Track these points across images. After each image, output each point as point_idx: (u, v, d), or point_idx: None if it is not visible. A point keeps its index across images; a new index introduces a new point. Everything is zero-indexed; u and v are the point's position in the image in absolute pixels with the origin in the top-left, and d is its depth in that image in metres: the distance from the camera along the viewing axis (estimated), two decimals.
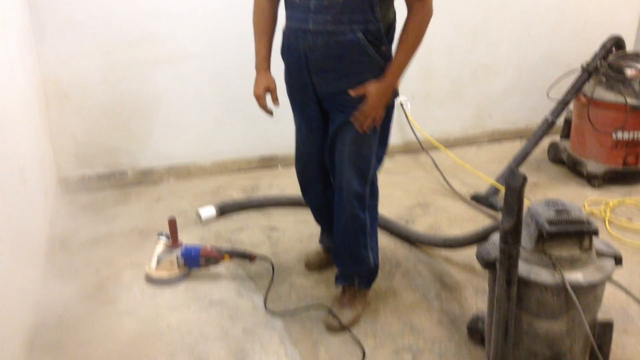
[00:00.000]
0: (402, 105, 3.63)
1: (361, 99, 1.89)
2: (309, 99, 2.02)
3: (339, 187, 2.05)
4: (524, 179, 1.49)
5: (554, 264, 1.64)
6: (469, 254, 2.47)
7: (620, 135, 3.17)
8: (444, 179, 3.34)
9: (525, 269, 1.64)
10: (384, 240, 2.68)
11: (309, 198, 2.34)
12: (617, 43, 3.31)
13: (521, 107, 3.95)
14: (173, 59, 3.17)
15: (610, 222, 2.88)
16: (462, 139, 3.93)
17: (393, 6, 1.90)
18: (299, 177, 2.29)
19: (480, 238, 2.32)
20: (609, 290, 2.07)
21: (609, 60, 3.22)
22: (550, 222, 1.65)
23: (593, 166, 3.25)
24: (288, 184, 3.32)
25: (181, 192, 3.24)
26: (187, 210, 2.99)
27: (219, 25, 3.18)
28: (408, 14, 1.84)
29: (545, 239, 1.65)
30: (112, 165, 3.27)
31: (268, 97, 2.08)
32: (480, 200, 3.06)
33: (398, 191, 3.23)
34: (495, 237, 1.79)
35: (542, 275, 1.63)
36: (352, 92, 1.89)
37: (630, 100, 3.09)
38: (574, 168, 3.41)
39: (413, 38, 1.84)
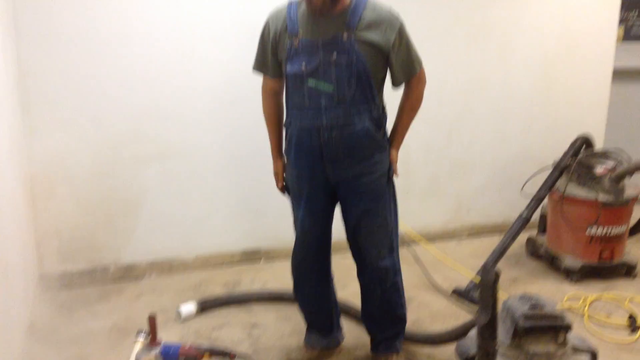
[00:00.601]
0: None
1: (375, 180, 2.16)
2: (319, 190, 2.19)
3: (372, 264, 2.26)
4: (497, 275, 1.54)
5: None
6: (451, 349, 2.47)
7: (594, 230, 3.26)
8: (425, 273, 3.37)
9: None
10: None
11: (303, 290, 2.41)
12: (586, 142, 3.48)
13: (498, 203, 4.07)
14: (159, 155, 3.27)
15: (589, 317, 2.91)
16: (442, 233, 4.00)
17: None
18: (295, 269, 2.37)
19: (460, 334, 2.33)
20: None
21: (579, 158, 3.37)
22: (525, 317, 1.69)
23: (570, 261, 3.32)
24: (270, 278, 3.33)
25: (162, 288, 3.22)
26: (167, 307, 2.96)
27: (205, 124, 3.32)
28: (406, 88, 2.20)
29: (520, 334, 1.67)
30: (95, 261, 3.27)
31: None
32: (462, 295, 3.08)
33: None
34: (474, 333, 1.82)
35: None
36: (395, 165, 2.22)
37: (602, 197, 3.20)
38: (551, 263, 3.47)
39: (414, 107, 2.21)
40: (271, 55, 2.17)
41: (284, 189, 2.36)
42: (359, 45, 2.01)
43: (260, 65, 2.24)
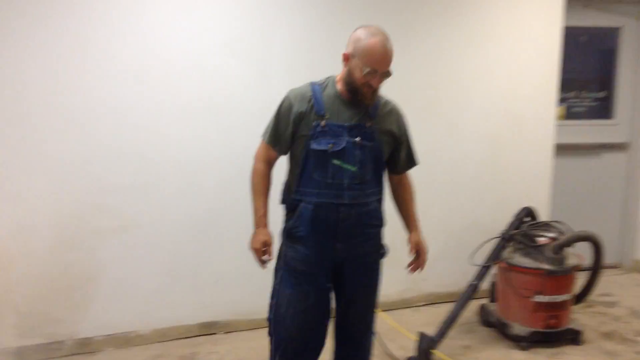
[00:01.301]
0: None
1: (379, 257, 2.40)
2: (325, 267, 2.27)
3: (358, 339, 2.41)
4: (431, 341, 1.66)
5: None
6: None
7: (540, 298, 3.39)
8: (381, 342, 3.43)
9: None
10: None
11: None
12: (529, 213, 3.67)
13: (452, 271, 4.19)
14: (119, 229, 3.34)
15: None
16: (399, 302, 4.09)
17: None
18: (302, 345, 2.30)
19: None
20: None
21: (523, 229, 3.56)
22: None
23: (518, 329, 3.43)
24: (228, 349, 3.36)
25: None
26: None
27: (165, 198, 3.42)
28: (403, 179, 2.50)
29: None
30: (51, 335, 3.26)
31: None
32: None
33: None
34: None
35: None
36: (412, 250, 2.52)
37: (545, 266, 3.36)
38: (502, 330, 3.57)
39: (414, 193, 2.52)
40: (289, 133, 2.26)
41: (263, 260, 2.31)
42: (379, 132, 2.26)
43: (274, 139, 2.31)
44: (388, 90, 3.89)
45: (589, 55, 4.90)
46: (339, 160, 2.19)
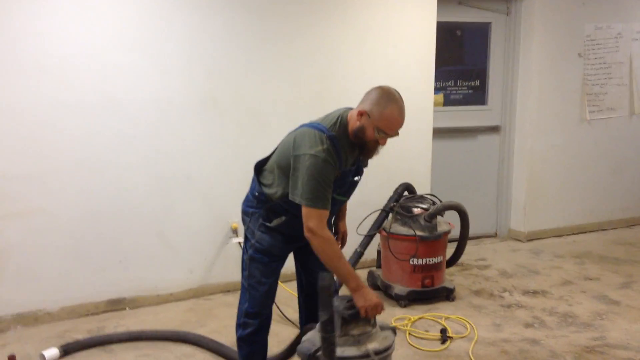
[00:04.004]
0: (240, 244, 4.14)
1: None
2: (292, 250, 2.67)
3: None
4: (332, 279, 2.05)
5: (358, 341, 2.16)
6: None
7: (415, 261, 3.86)
8: (279, 309, 3.77)
9: (338, 351, 2.11)
10: None
11: (263, 338, 2.68)
12: (407, 188, 4.14)
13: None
14: (23, 214, 3.50)
15: (410, 334, 3.46)
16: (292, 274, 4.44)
17: None
18: (262, 317, 2.62)
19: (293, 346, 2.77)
20: None
21: (401, 202, 4.02)
22: (347, 309, 2.19)
23: (399, 289, 3.89)
24: (134, 324, 3.60)
25: (27, 337, 3.40)
26: (31, 355, 3.16)
27: (64, 185, 3.61)
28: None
29: (347, 322, 2.17)
30: None
31: None
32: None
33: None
34: (308, 337, 2.28)
35: (351, 351, 2.14)
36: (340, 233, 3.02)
37: (419, 233, 3.84)
38: (386, 292, 4.02)
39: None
40: (330, 191, 2.34)
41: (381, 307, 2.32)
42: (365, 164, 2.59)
43: (326, 203, 2.31)
44: (276, 84, 4.22)
45: (464, 48, 5.47)
46: (339, 195, 2.48)
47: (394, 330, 2.39)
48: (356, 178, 2.55)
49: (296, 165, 2.31)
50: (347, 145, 2.39)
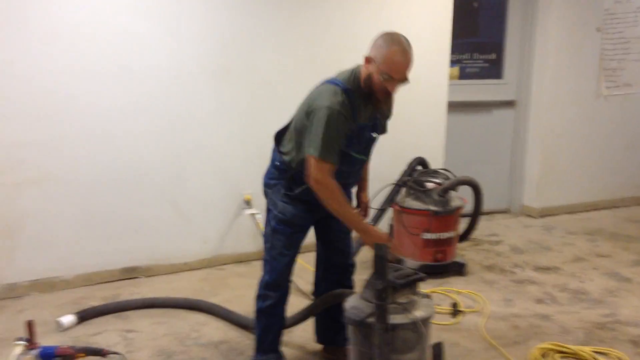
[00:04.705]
0: (254, 216, 4.16)
1: None
2: (315, 220, 2.66)
3: (347, 252, 2.86)
4: (387, 247, 2.07)
5: (405, 309, 2.17)
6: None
7: (428, 236, 3.87)
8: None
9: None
10: (232, 333, 3.07)
11: (281, 310, 2.71)
12: (420, 162, 4.12)
13: None
14: (38, 181, 3.52)
15: None
16: (310, 245, 4.47)
17: None
18: (282, 289, 2.67)
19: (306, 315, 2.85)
20: None
21: (414, 176, 4.00)
22: (398, 278, 2.20)
23: (410, 263, 3.90)
24: (148, 292, 3.64)
25: (43, 304, 3.46)
26: (48, 320, 3.21)
27: (79, 152, 3.62)
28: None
29: (397, 291, 2.17)
30: None
31: None
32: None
33: (251, 291, 3.64)
34: (352, 303, 2.29)
35: (400, 318, 2.15)
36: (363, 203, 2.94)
37: (432, 207, 3.83)
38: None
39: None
40: (341, 144, 2.35)
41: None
42: (383, 122, 2.58)
43: (334, 156, 2.32)
44: (291, 55, 4.18)
45: (481, 20, 5.38)
46: (357, 153, 2.48)
47: (429, 297, 2.42)
48: (374, 134, 2.53)
49: (311, 120, 2.33)
50: (361, 98, 2.39)
